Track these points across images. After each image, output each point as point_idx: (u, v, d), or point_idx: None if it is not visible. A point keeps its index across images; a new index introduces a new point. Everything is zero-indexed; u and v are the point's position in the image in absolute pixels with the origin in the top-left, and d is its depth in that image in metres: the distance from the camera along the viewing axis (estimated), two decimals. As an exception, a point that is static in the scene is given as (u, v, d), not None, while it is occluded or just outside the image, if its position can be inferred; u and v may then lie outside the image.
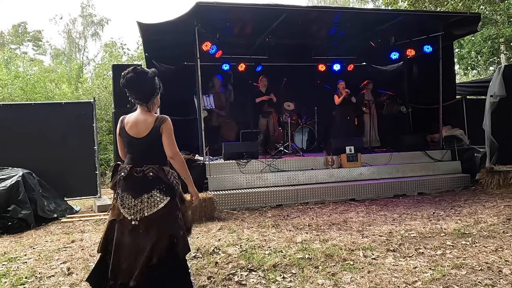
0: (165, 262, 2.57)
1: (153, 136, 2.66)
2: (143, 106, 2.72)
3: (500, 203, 5.71)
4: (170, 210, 2.66)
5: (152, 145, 2.68)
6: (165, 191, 2.66)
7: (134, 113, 2.76)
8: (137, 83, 2.65)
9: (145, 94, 2.70)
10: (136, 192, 2.63)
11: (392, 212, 5.67)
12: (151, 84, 2.70)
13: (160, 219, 2.61)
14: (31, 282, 3.37)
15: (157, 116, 2.72)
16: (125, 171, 2.66)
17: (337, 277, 3.17)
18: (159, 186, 2.65)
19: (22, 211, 5.74)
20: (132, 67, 2.70)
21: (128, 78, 2.64)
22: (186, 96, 8.59)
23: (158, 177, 2.65)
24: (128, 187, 2.65)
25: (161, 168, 2.67)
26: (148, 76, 2.68)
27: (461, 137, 8.47)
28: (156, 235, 2.57)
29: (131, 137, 2.69)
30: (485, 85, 8.45)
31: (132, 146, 2.72)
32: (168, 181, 2.67)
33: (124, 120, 2.76)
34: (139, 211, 2.61)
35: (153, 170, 2.64)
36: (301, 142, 9.26)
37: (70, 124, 7.29)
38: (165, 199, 2.65)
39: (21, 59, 19.99)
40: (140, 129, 2.68)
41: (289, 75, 9.09)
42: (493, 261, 3.37)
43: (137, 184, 2.64)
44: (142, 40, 8.33)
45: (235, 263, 3.57)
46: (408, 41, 8.93)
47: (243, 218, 5.67)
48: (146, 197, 2.63)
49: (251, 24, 7.96)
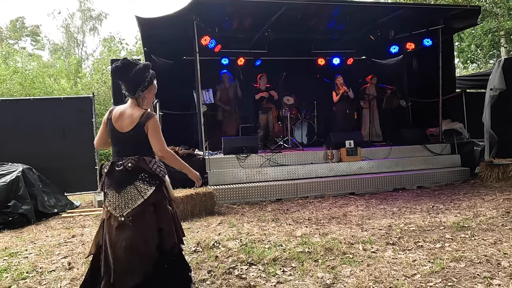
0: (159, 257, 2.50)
1: (137, 132, 2.57)
2: (132, 98, 2.64)
3: (499, 196, 5.73)
4: (155, 200, 2.55)
5: (136, 140, 2.59)
6: (149, 181, 2.56)
7: (123, 106, 2.68)
8: (122, 74, 2.59)
9: (130, 85, 2.61)
10: (119, 186, 2.54)
11: (392, 206, 5.69)
12: (137, 75, 2.60)
13: (148, 210, 2.52)
14: (32, 276, 3.38)
15: (143, 111, 2.61)
16: (107, 167, 2.59)
17: (337, 270, 3.19)
18: (141, 176, 2.55)
19: (22, 207, 5.76)
20: (123, 57, 2.66)
21: (114, 67, 2.60)
22: (186, 90, 8.58)
23: (139, 167, 2.55)
24: (111, 182, 2.57)
25: (141, 158, 2.56)
26: (137, 67, 2.59)
27: (461, 131, 8.47)
28: (144, 229, 2.49)
29: (116, 130, 2.60)
30: (485, 78, 8.42)
31: (115, 139, 2.64)
32: (151, 170, 2.56)
33: (113, 111, 2.68)
34: (125, 205, 2.51)
35: (132, 161, 2.54)
36: (301, 136, 9.26)
37: (69, 119, 7.29)
38: (150, 190, 2.55)
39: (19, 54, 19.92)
40: (124, 123, 2.59)
41: (289, 69, 9.08)
42: (492, 254, 3.38)
43: (119, 178, 2.55)
44: (141, 35, 8.30)
45: (235, 257, 3.58)
46: (408, 35, 8.90)
47: (243, 212, 5.69)
48: (129, 189, 2.53)
49: (250, 18, 7.92)
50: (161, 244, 2.53)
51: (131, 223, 2.49)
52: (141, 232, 2.49)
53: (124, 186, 2.53)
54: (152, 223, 2.53)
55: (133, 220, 2.49)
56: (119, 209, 2.51)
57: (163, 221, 2.57)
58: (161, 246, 2.54)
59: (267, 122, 8.80)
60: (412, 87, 9.70)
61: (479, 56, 17.41)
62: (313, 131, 9.42)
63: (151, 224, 2.52)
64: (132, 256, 2.45)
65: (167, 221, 2.58)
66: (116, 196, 2.53)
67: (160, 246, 2.53)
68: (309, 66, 10.12)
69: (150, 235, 2.50)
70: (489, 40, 15.73)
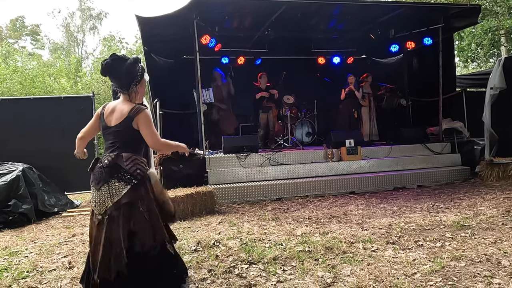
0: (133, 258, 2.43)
1: (123, 126, 2.53)
2: (124, 94, 2.62)
3: (500, 195, 5.72)
4: (130, 199, 2.50)
5: (123, 135, 2.55)
6: (125, 180, 2.50)
7: (116, 101, 2.68)
8: (114, 70, 2.56)
9: (123, 81, 2.59)
10: (97, 183, 2.54)
11: (392, 205, 5.69)
12: (129, 70, 2.58)
13: (121, 210, 2.47)
14: (32, 276, 3.38)
15: (133, 106, 2.57)
16: (91, 164, 2.61)
17: (337, 270, 3.19)
18: (117, 174, 2.50)
19: (22, 206, 5.77)
20: (112, 53, 2.63)
21: (104, 64, 2.56)
22: (186, 89, 8.58)
23: (116, 165, 2.50)
24: (92, 178, 2.59)
25: (120, 155, 2.51)
26: (127, 62, 2.57)
27: (461, 130, 8.46)
28: (116, 229, 2.45)
29: (105, 124, 2.61)
30: (485, 77, 8.42)
31: (104, 134, 2.64)
32: (128, 168, 2.50)
33: (105, 106, 2.68)
34: (102, 203, 2.49)
35: (108, 158, 2.51)
36: (301, 135, 9.26)
37: (69, 119, 7.28)
38: (125, 189, 2.49)
39: (19, 54, 19.91)
40: (113, 118, 2.58)
41: (289, 68, 9.07)
42: (492, 253, 3.38)
43: (98, 175, 2.55)
44: (141, 34, 8.29)
45: (236, 256, 3.58)
46: (408, 34, 8.90)
47: (243, 211, 5.69)
48: (105, 187, 2.50)
49: (250, 17, 7.91)
50: (132, 246, 2.45)
51: (107, 221, 2.47)
52: (113, 232, 2.45)
53: (101, 184, 2.52)
54: (124, 224, 2.46)
55: (108, 219, 2.47)
56: (98, 206, 2.51)
57: (136, 222, 2.49)
58: (133, 248, 2.45)
59: (267, 121, 8.80)
60: (413, 86, 9.70)
61: (480, 55, 17.39)
62: (313, 130, 9.42)
63: (123, 225, 2.46)
64: (109, 255, 2.42)
65: (140, 223, 2.50)
66: (96, 193, 2.54)
67: (131, 248, 2.45)
68: (309, 65, 10.12)
69: (120, 236, 2.43)
70: (489, 39, 15.72)
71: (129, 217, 2.49)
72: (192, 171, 6.44)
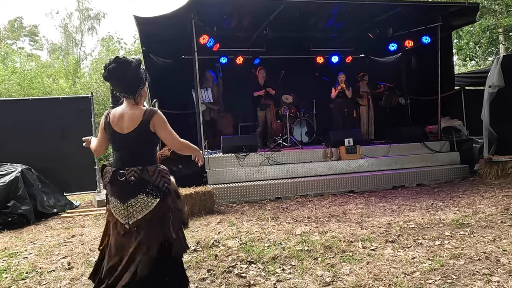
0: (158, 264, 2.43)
1: (141, 131, 2.45)
2: (129, 98, 2.50)
3: (499, 193, 5.73)
4: (159, 213, 2.47)
5: (139, 141, 2.47)
6: (153, 193, 2.46)
7: (120, 107, 2.54)
8: (120, 74, 2.42)
9: (131, 85, 2.47)
10: (122, 198, 2.45)
11: (391, 204, 5.69)
12: (136, 74, 2.47)
13: (149, 223, 2.44)
14: (32, 277, 3.38)
15: (145, 109, 2.49)
16: (109, 176, 2.49)
17: (336, 269, 3.19)
18: (144, 189, 2.45)
19: (21, 207, 5.76)
20: (114, 56, 2.49)
21: (110, 69, 2.41)
22: (184, 90, 8.57)
23: (142, 179, 2.44)
24: (114, 192, 2.49)
25: (144, 169, 2.45)
26: (133, 65, 2.44)
27: (460, 128, 8.47)
28: (147, 240, 2.42)
29: (116, 132, 2.48)
30: (484, 75, 8.42)
31: (116, 142, 2.51)
32: (154, 182, 2.46)
33: (109, 114, 2.53)
34: (129, 215, 2.44)
35: (134, 174, 2.43)
36: (300, 134, 9.26)
37: (68, 119, 7.28)
38: (154, 202, 2.45)
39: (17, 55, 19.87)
40: (126, 124, 2.46)
41: (287, 68, 9.07)
42: (491, 251, 3.39)
43: (122, 189, 2.46)
44: (139, 34, 8.28)
45: (235, 255, 3.58)
46: (407, 32, 8.90)
47: (242, 211, 5.69)
48: (132, 201, 2.44)
49: (249, 16, 7.91)
50: (161, 254, 2.45)
51: (135, 233, 2.44)
52: (144, 242, 2.42)
53: (127, 198, 2.44)
54: (154, 236, 2.45)
55: (137, 230, 2.44)
56: (124, 217, 2.45)
57: (165, 233, 2.48)
58: (164, 256, 2.46)
59: (266, 118, 8.79)
60: (411, 84, 9.70)
61: (478, 53, 17.39)
62: (312, 129, 9.43)
63: (152, 236, 2.44)
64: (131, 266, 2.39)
65: (169, 233, 2.49)
66: (121, 206, 2.46)
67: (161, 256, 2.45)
68: (308, 65, 10.11)
69: (151, 247, 2.42)
70: (488, 37, 15.71)
71: (160, 228, 2.46)
72: (191, 171, 6.42)
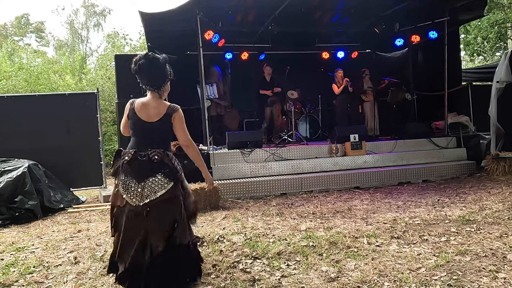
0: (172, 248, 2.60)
1: (164, 123, 2.71)
2: (154, 92, 2.76)
3: (506, 190, 5.69)
4: (173, 195, 2.68)
5: (161, 131, 2.72)
6: (169, 176, 2.67)
7: (145, 98, 2.79)
8: (149, 69, 2.69)
9: (157, 80, 2.74)
10: (141, 176, 2.63)
11: (397, 200, 5.67)
12: (163, 70, 2.74)
13: (164, 204, 2.63)
14: (38, 271, 3.42)
15: (169, 104, 2.77)
16: (129, 155, 2.67)
17: (341, 264, 3.19)
18: (163, 170, 2.66)
19: (29, 202, 5.81)
20: (144, 53, 2.74)
21: (140, 64, 2.67)
22: (189, 85, 8.57)
23: (163, 161, 2.67)
24: (132, 171, 2.66)
25: (165, 152, 2.70)
26: (160, 62, 2.72)
27: (467, 124, 8.40)
28: (160, 220, 2.60)
29: (141, 120, 2.71)
30: (491, 71, 8.33)
31: (139, 129, 2.73)
32: (173, 166, 2.69)
33: (134, 102, 2.78)
34: (143, 195, 2.60)
35: (158, 154, 2.66)
36: (305, 130, 9.23)
37: (74, 115, 7.31)
38: (169, 184, 2.66)
39: (24, 51, 19.97)
40: (151, 114, 2.71)
41: (293, 63, 9.02)
42: (497, 247, 3.37)
43: (142, 167, 2.65)
44: (144, 30, 8.29)
45: (240, 251, 3.59)
46: (413, 27, 8.81)
47: (247, 207, 5.70)
48: (150, 181, 2.63)
49: (254, 12, 7.88)
50: (174, 237, 2.62)
51: (148, 213, 2.59)
52: (156, 223, 2.59)
53: (146, 177, 2.63)
54: (167, 216, 2.63)
55: (150, 211, 2.59)
56: (138, 197, 2.60)
57: (177, 214, 2.67)
58: (174, 238, 2.63)
59: (272, 115, 8.79)
60: (418, 80, 9.61)
61: (486, 49, 17.21)
62: (318, 125, 9.39)
63: (166, 216, 2.62)
64: (146, 246, 2.56)
65: (180, 216, 2.69)
66: (136, 185, 2.62)
67: (173, 238, 2.62)
68: (313, 60, 10.04)
69: (164, 226, 2.60)
70: (496, 32, 15.53)
71: (173, 210, 2.66)
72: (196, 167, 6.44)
